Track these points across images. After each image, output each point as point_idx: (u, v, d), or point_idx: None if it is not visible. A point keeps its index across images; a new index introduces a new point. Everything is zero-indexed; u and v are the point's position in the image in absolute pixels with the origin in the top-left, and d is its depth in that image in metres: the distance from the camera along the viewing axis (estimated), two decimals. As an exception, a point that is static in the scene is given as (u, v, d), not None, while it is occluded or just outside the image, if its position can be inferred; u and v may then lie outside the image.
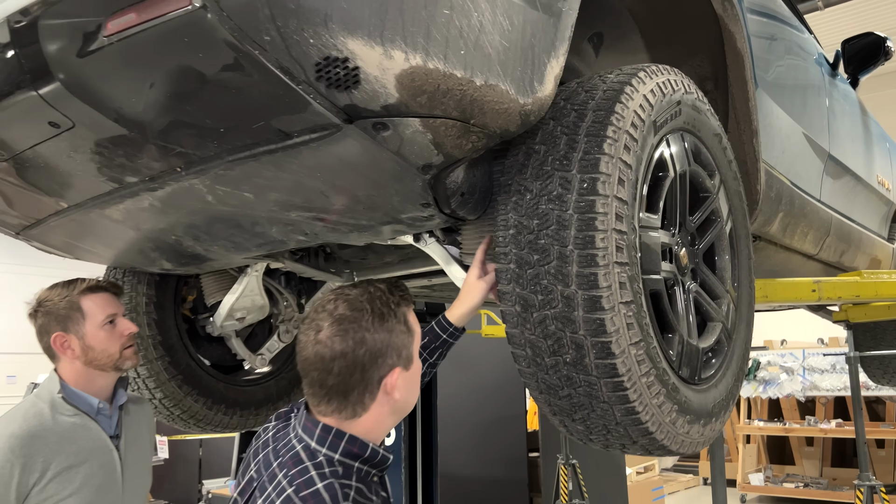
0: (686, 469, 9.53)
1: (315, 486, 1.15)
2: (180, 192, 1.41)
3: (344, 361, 1.20)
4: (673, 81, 1.45)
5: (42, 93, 1.18)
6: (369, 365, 1.22)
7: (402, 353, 1.25)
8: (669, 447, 1.35)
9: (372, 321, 1.22)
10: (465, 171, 1.34)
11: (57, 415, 1.77)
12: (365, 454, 1.23)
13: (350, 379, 1.21)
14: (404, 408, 1.30)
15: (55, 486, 1.69)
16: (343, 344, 1.20)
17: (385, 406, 1.25)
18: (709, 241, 1.60)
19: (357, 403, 1.23)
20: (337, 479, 1.16)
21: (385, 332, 1.23)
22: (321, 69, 1.01)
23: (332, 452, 1.21)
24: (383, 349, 1.22)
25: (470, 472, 5.68)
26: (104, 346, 1.80)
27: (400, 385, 1.25)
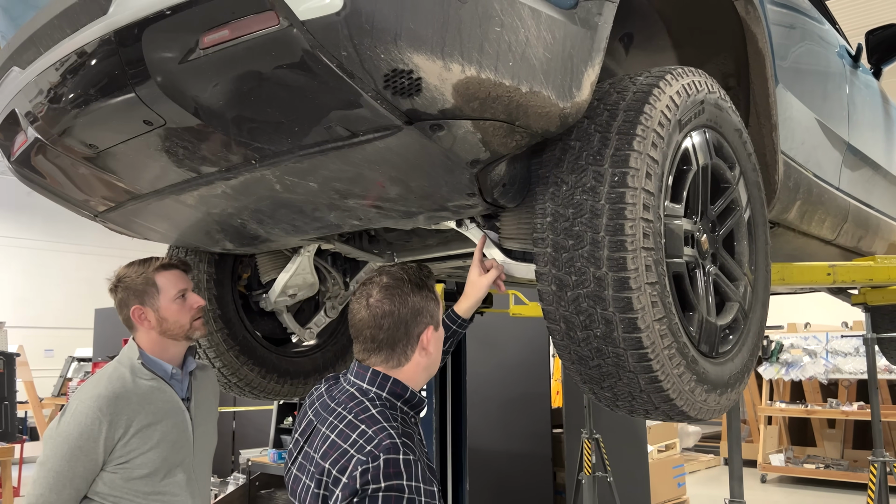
0: (707, 449, 9.66)
1: (370, 412, 1.44)
2: (252, 181, 1.58)
3: (392, 319, 1.51)
4: (697, 82, 1.59)
5: (140, 94, 1.35)
6: (411, 321, 1.52)
7: (434, 315, 1.57)
8: (688, 413, 1.51)
9: (411, 288, 1.54)
10: (508, 164, 1.49)
11: (136, 378, 1.98)
12: (406, 395, 1.52)
13: (397, 333, 1.52)
14: (433, 364, 1.59)
15: (137, 441, 1.90)
16: (391, 305, 1.52)
17: (422, 359, 1.55)
18: (728, 227, 1.74)
19: (402, 354, 1.53)
20: (386, 409, 1.47)
21: (420, 297, 1.54)
22: (389, 79, 1.17)
23: (381, 391, 1.51)
24: (421, 309, 1.54)
25: (496, 446, 5.88)
26: (176, 318, 2.02)
27: (433, 341, 1.56)
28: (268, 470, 4.64)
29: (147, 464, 1.92)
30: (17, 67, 1.55)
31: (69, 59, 1.40)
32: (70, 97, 1.44)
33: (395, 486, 1.31)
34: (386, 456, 1.33)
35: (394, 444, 1.36)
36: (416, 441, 1.45)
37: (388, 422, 1.41)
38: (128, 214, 1.95)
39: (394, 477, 1.32)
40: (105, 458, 1.89)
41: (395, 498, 1.31)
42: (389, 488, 1.31)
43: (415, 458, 1.36)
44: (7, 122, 1.67)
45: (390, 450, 1.34)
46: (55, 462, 1.85)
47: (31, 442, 9.66)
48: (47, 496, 1.85)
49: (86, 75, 1.40)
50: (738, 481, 2.58)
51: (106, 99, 1.40)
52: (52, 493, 1.85)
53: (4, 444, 6.25)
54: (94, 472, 1.89)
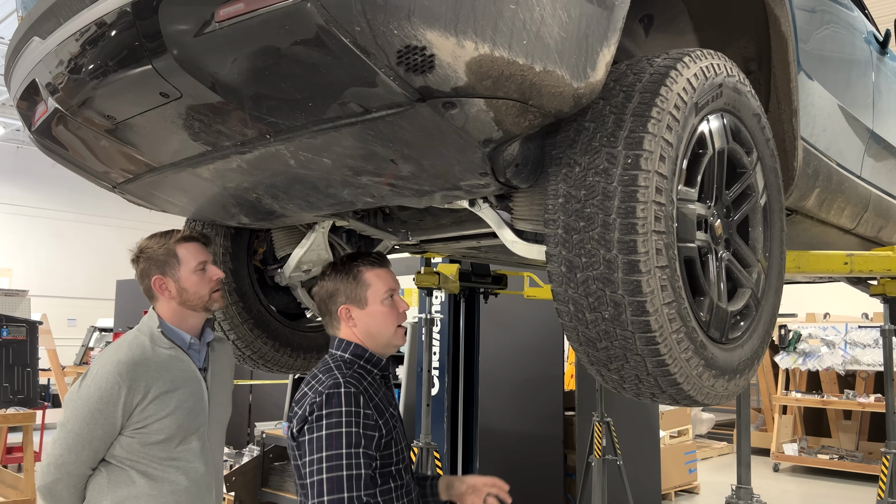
0: (720, 437, 9.64)
1: (330, 367, 1.81)
2: (267, 156, 1.59)
3: (318, 297, 1.96)
4: (715, 65, 1.57)
5: (157, 66, 1.36)
6: (329, 301, 1.92)
7: (352, 295, 1.89)
8: (695, 397, 1.51)
9: (333, 273, 1.93)
10: (521, 144, 1.49)
11: (156, 347, 2.02)
12: (365, 355, 1.88)
13: (322, 308, 1.95)
14: (377, 334, 1.90)
15: (154, 407, 1.95)
16: (317, 287, 1.97)
17: (353, 328, 1.90)
18: (743, 213, 1.73)
19: (331, 325, 1.94)
20: (344, 363, 1.83)
21: (335, 281, 1.92)
22: (402, 56, 1.17)
23: (344, 353, 1.88)
24: (334, 292, 1.91)
25: (508, 426, 5.91)
26: (196, 289, 2.05)
27: (356, 317, 1.89)
28: (281, 442, 4.72)
29: (163, 430, 1.97)
30: (37, 37, 1.57)
31: (88, 29, 1.41)
32: (89, 68, 1.46)
33: (334, 413, 1.67)
34: (328, 391, 1.70)
35: (337, 382, 1.72)
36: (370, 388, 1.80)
37: (339, 371, 1.77)
38: (146, 187, 1.98)
39: (334, 405, 1.67)
40: (123, 422, 1.94)
41: (335, 422, 1.66)
42: (330, 414, 1.67)
43: (356, 391, 1.71)
44: (28, 91, 1.69)
45: (332, 386, 1.71)
46: (75, 424, 1.91)
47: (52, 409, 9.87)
48: (66, 456, 1.91)
49: (104, 46, 1.41)
50: (746, 468, 2.58)
51: (124, 70, 1.41)
52: (70, 453, 1.91)
53: (26, 409, 6.39)
54: (112, 435, 1.95)
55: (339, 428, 1.65)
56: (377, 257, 1.97)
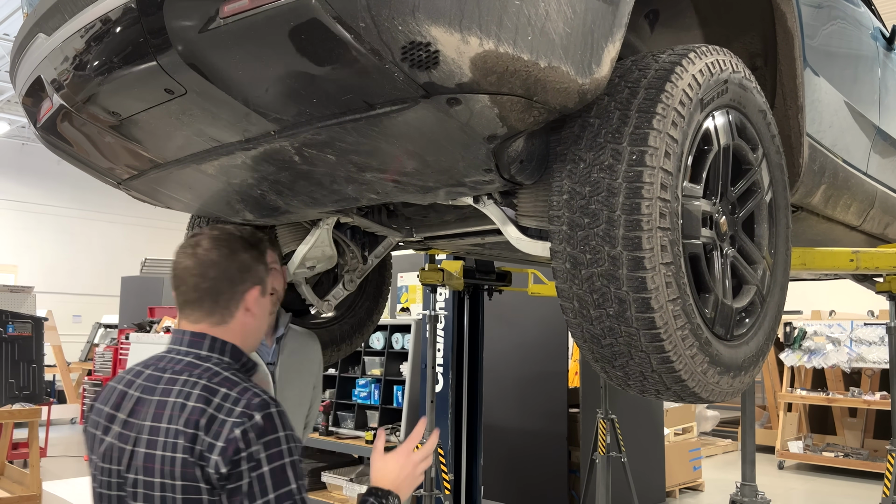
0: (725, 434, 9.64)
1: (223, 375, 1.43)
2: (271, 152, 1.59)
3: (218, 269, 1.51)
4: (721, 61, 1.56)
5: (161, 62, 1.36)
6: (237, 277, 1.52)
7: (262, 279, 1.57)
8: (700, 394, 1.50)
9: (242, 245, 1.55)
10: (525, 140, 1.48)
11: None
12: (243, 359, 1.53)
13: (221, 284, 1.51)
14: (257, 332, 1.58)
15: None
16: (219, 255, 1.52)
17: (247, 321, 1.54)
18: (748, 210, 1.72)
19: (224, 309, 1.51)
20: (234, 371, 1.47)
21: (250, 256, 1.55)
22: (406, 51, 1.17)
23: (222, 355, 1.50)
24: (249, 267, 1.54)
25: (512, 423, 5.92)
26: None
27: (257, 304, 1.55)
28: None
29: None
30: (42, 34, 1.57)
31: (93, 26, 1.41)
32: (94, 64, 1.46)
33: (273, 440, 1.34)
34: (260, 412, 1.35)
35: (262, 399, 1.38)
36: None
37: (244, 382, 1.42)
38: (150, 183, 1.98)
39: (270, 431, 1.34)
40: None
41: (276, 453, 1.34)
42: (269, 443, 1.33)
43: (283, 410, 1.40)
44: (33, 88, 1.69)
45: (260, 406, 1.36)
46: None
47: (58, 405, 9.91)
48: None
49: (109, 43, 1.41)
50: (751, 465, 2.57)
51: (128, 67, 1.41)
52: None
53: (32, 405, 6.42)
54: None
55: (282, 459, 1.34)
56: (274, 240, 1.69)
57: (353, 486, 4.32)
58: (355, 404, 4.67)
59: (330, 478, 4.48)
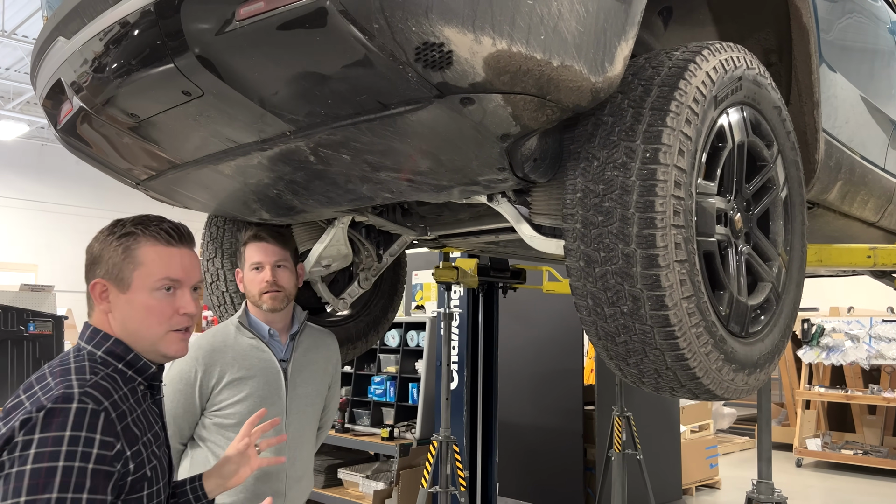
0: (742, 432, 9.57)
1: (68, 365, 1.29)
2: (287, 152, 1.61)
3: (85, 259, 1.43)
4: (735, 58, 1.56)
5: (179, 65, 1.38)
6: (88, 268, 1.42)
7: (114, 273, 1.38)
8: (715, 391, 1.50)
9: (102, 233, 1.43)
10: (539, 139, 1.49)
11: (239, 335, 2.15)
12: (127, 357, 1.36)
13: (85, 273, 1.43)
14: (134, 332, 1.37)
15: (228, 391, 2.07)
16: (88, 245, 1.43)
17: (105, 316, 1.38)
18: (764, 206, 1.72)
19: (88, 300, 1.41)
20: (92, 364, 1.30)
21: (107, 246, 1.40)
22: (420, 52, 1.18)
23: (96, 349, 1.35)
24: (98, 258, 1.40)
25: (527, 420, 5.92)
26: (248, 287, 2.20)
27: (113, 301, 1.38)
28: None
29: (235, 414, 2.06)
30: (62, 37, 1.59)
31: (112, 29, 1.43)
32: (112, 67, 1.48)
33: (51, 439, 1.14)
34: (53, 405, 1.16)
35: (68, 393, 1.19)
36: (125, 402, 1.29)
37: (79, 375, 1.25)
38: (168, 183, 2.01)
39: (54, 427, 1.14)
40: (203, 403, 2.08)
41: (49, 452, 1.13)
42: (44, 441, 1.13)
43: (96, 408, 1.19)
44: (54, 90, 1.72)
45: (60, 398, 1.18)
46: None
47: (78, 402, 10.00)
48: None
49: (127, 46, 1.43)
50: (767, 462, 2.56)
51: (146, 69, 1.43)
52: None
53: (53, 402, 6.50)
54: (194, 414, 2.08)
55: (55, 461, 1.12)
56: (170, 231, 1.43)
57: (369, 483, 4.34)
58: (371, 401, 4.69)
59: (346, 474, 4.50)
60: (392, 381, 4.66)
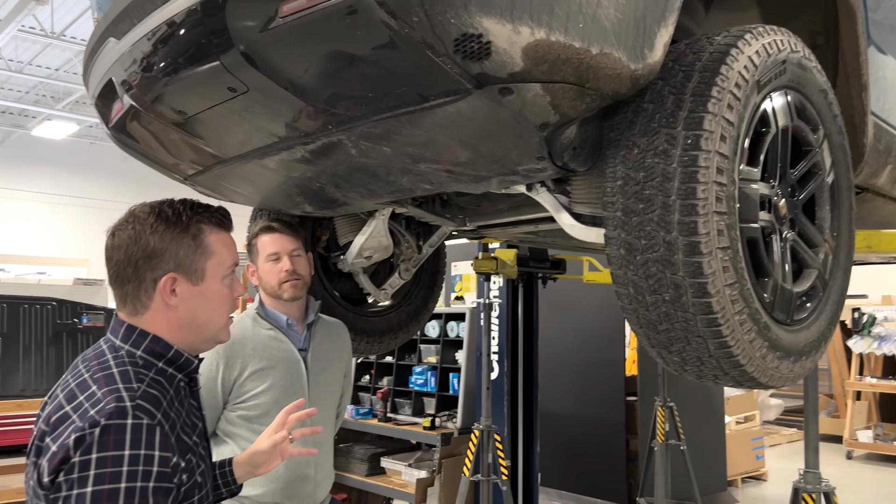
0: (790, 423, 9.38)
1: (110, 370, 1.22)
2: (329, 146, 1.64)
3: (121, 253, 1.29)
4: (779, 41, 1.53)
5: (224, 62, 1.42)
6: (143, 262, 1.27)
7: (184, 264, 1.30)
8: (759, 379, 1.49)
9: (156, 224, 1.29)
10: (578, 127, 1.49)
11: (256, 327, 2.18)
12: (168, 354, 1.29)
13: (124, 271, 1.28)
14: (199, 324, 1.32)
15: (251, 383, 2.10)
16: (122, 237, 1.29)
17: (171, 313, 1.30)
18: (809, 192, 1.69)
19: (135, 299, 1.29)
20: (135, 368, 1.24)
21: (165, 237, 1.29)
22: (459, 44, 1.19)
23: (135, 349, 1.27)
24: (158, 251, 1.28)
25: (569, 411, 5.91)
26: (267, 278, 2.20)
27: (182, 295, 1.30)
28: (346, 425, 4.84)
29: (260, 405, 2.10)
30: (113, 38, 1.65)
31: (160, 29, 1.48)
32: (161, 66, 1.53)
33: (111, 459, 1.10)
34: (107, 422, 1.12)
35: (121, 408, 1.14)
36: (171, 408, 1.25)
37: (126, 382, 1.20)
38: (215, 178, 2.06)
39: (113, 446, 1.10)
40: (225, 397, 2.10)
41: (111, 473, 1.09)
42: (103, 461, 1.09)
43: (152, 423, 1.16)
44: (105, 90, 1.78)
45: (113, 413, 1.13)
46: None
47: (129, 392, 10.30)
48: None
49: (175, 45, 1.47)
50: (814, 452, 2.52)
51: (193, 67, 1.47)
52: None
53: (106, 393, 6.72)
54: (216, 408, 2.10)
55: (117, 483, 1.09)
56: (223, 216, 1.40)
57: (411, 472, 4.39)
58: (412, 391, 4.74)
59: (389, 463, 4.56)
60: (433, 372, 4.69)
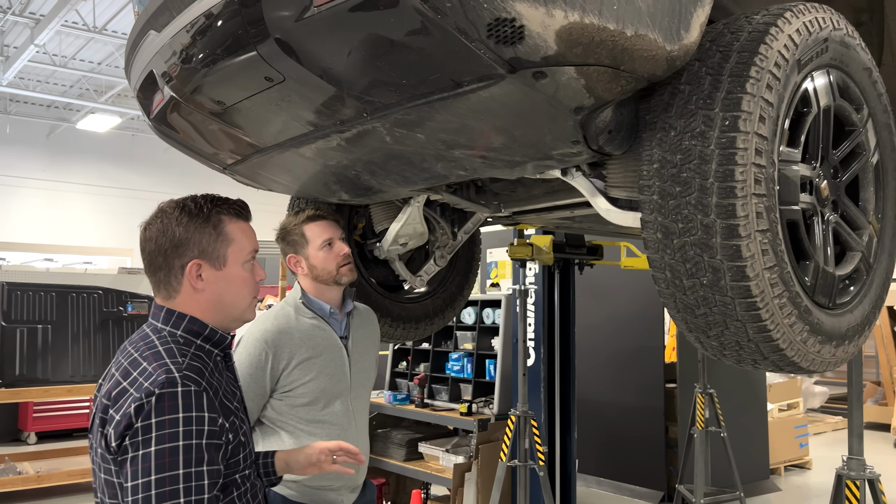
0: (834, 411, 9.19)
1: (156, 349, 1.38)
2: (364, 133, 1.65)
3: (152, 244, 1.46)
4: (820, 19, 1.50)
5: (261, 52, 1.44)
6: (171, 252, 1.45)
7: (207, 251, 1.46)
8: (800, 364, 1.47)
9: (180, 217, 1.46)
10: (613, 110, 1.48)
11: (299, 316, 2.20)
12: (205, 332, 1.46)
13: (155, 260, 1.46)
14: (225, 305, 1.48)
15: (298, 372, 2.12)
16: (153, 230, 1.47)
17: (198, 295, 1.46)
18: (853, 173, 1.65)
19: (167, 285, 1.46)
20: (177, 345, 1.41)
21: (189, 228, 1.45)
22: (492, 28, 1.19)
23: (175, 329, 1.44)
24: (184, 241, 1.44)
25: (607, 398, 5.88)
26: (324, 265, 2.21)
27: (208, 279, 1.46)
28: (384, 410, 4.89)
29: (307, 393, 2.13)
30: (153, 31, 1.68)
31: (198, 21, 1.50)
32: (199, 57, 1.56)
33: (168, 421, 1.27)
34: (161, 390, 1.28)
35: (171, 378, 1.30)
36: (213, 376, 1.41)
37: (171, 357, 1.36)
38: (253, 167, 2.09)
39: (167, 410, 1.27)
40: (272, 385, 2.12)
41: (170, 434, 1.26)
42: (162, 423, 1.26)
43: (199, 389, 1.32)
44: (146, 82, 1.82)
45: (165, 383, 1.29)
46: None
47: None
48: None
49: (213, 36, 1.50)
50: (858, 438, 2.46)
51: (231, 57, 1.50)
52: None
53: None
54: (263, 397, 2.13)
55: (176, 441, 1.26)
56: (241, 208, 1.55)
57: (448, 457, 4.42)
58: (449, 377, 4.77)
59: (427, 448, 4.60)
60: (469, 358, 4.71)
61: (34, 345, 6.46)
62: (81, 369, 6.65)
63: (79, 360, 6.68)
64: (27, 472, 5.76)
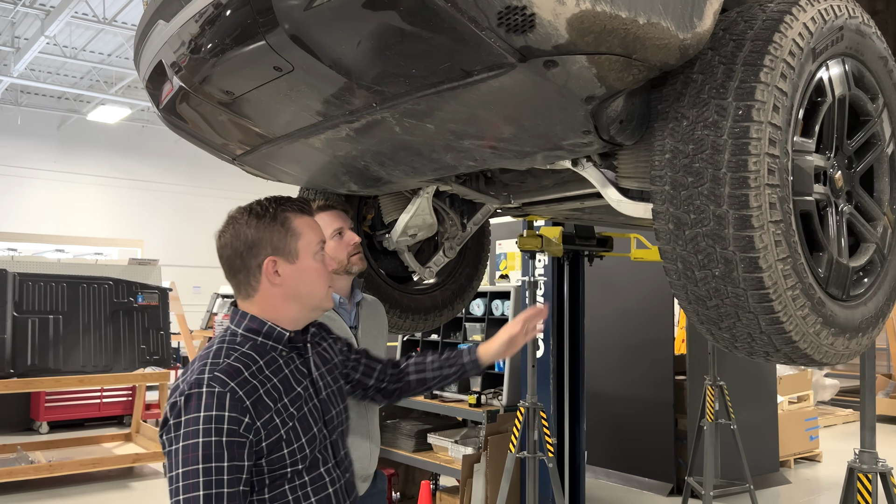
0: (845, 404, 9.15)
1: (211, 349, 1.47)
2: (373, 123, 1.64)
3: (228, 250, 1.52)
4: (835, 7, 1.47)
5: (270, 41, 1.43)
6: (246, 253, 1.50)
7: (277, 246, 1.50)
8: (812, 356, 1.45)
9: (248, 220, 1.51)
10: (625, 100, 1.46)
11: None
12: (263, 329, 1.51)
13: (234, 263, 1.52)
14: (303, 296, 1.54)
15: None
16: (226, 236, 1.52)
17: (276, 290, 1.51)
18: (867, 164, 1.63)
19: (246, 284, 1.52)
20: (230, 345, 1.47)
21: (257, 229, 1.50)
22: (502, 17, 1.18)
23: (237, 328, 1.52)
24: (256, 241, 1.50)
25: (616, 390, 5.87)
26: (334, 254, 2.18)
27: (284, 273, 1.51)
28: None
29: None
30: (162, 21, 1.68)
31: (206, 10, 1.50)
32: (208, 47, 1.55)
33: (191, 420, 1.35)
34: (189, 391, 1.37)
35: (199, 379, 1.38)
36: (261, 373, 1.44)
37: (215, 359, 1.42)
38: (262, 158, 2.09)
39: (192, 409, 1.35)
40: None
41: (191, 431, 1.34)
42: (187, 421, 1.35)
43: (223, 391, 1.37)
44: (155, 72, 1.82)
45: (194, 385, 1.37)
46: None
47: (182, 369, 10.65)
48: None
49: (221, 25, 1.49)
50: (871, 431, 2.45)
51: (240, 47, 1.49)
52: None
53: (161, 369, 6.95)
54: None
55: (196, 438, 1.34)
56: (304, 203, 1.61)
57: (457, 448, 4.43)
58: (458, 369, 4.77)
59: (435, 439, 4.61)
60: (478, 350, 4.71)
61: (46, 335, 6.51)
62: (93, 359, 6.70)
63: (90, 351, 6.73)
64: (39, 461, 5.81)
